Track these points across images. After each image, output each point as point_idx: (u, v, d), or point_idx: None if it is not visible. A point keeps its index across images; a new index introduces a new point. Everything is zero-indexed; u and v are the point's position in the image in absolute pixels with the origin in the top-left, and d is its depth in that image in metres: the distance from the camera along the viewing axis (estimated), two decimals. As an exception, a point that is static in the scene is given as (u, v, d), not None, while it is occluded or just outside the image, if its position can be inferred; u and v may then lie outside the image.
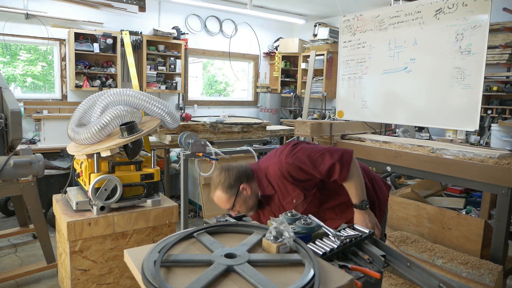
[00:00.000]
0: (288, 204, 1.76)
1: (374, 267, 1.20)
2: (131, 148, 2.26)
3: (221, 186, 1.69)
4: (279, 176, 1.73)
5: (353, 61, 3.56)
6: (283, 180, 1.74)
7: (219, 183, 1.70)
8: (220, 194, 1.69)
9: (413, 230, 2.81)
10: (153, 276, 0.95)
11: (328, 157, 1.65)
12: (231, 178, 1.69)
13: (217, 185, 1.69)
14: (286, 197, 1.76)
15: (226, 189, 1.68)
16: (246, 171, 1.74)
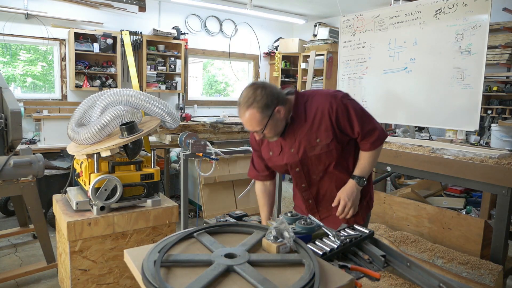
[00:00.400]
0: (309, 140, 1.66)
1: (374, 267, 1.20)
2: (131, 148, 2.26)
3: (256, 105, 1.52)
4: (324, 108, 1.63)
5: (353, 61, 3.56)
6: (324, 114, 1.63)
7: (254, 101, 1.52)
8: (254, 113, 1.52)
9: (413, 230, 2.81)
10: (153, 276, 0.95)
11: (375, 122, 1.69)
12: (268, 97, 1.53)
13: (251, 103, 1.52)
14: (313, 132, 1.65)
15: (262, 109, 1.52)
16: (281, 92, 1.62)
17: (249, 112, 1.53)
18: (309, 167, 1.73)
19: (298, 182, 1.79)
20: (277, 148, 1.76)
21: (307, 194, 1.81)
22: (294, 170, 1.74)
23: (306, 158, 1.69)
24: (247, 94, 1.54)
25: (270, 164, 1.82)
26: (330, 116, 1.62)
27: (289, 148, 1.71)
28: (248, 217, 1.98)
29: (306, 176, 1.75)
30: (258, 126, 1.56)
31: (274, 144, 1.75)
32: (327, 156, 1.68)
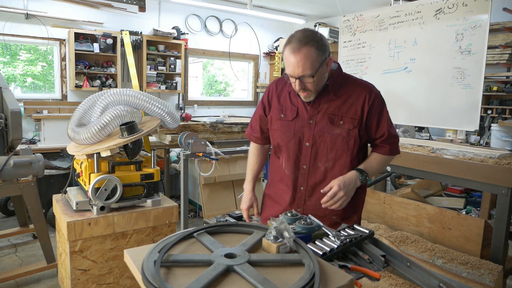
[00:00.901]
0: (333, 119, 1.55)
1: (374, 267, 1.20)
2: (131, 148, 2.26)
3: (315, 43, 1.41)
4: (360, 94, 1.55)
5: (353, 61, 3.56)
6: (358, 100, 1.54)
7: (313, 39, 1.41)
8: (311, 51, 1.40)
9: (413, 230, 2.81)
10: (153, 276, 0.95)
11: (395, 129, 1.67)
12: (325, 40, 1.44)
13: (309, 41, 1.40)
14: (340, 112, 1.55)
15: (319, 49, 1.41)
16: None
17: (306, 48, 1.40)
18: (320, 147, 1.59)
19: (298, 161, 1.63)
20: (291, 112, 1.62)
21: (302, 179, 1.64)
22: (303, 145, 1.60)
23: (322, 136, 1.58)
24: (304, 32, 1.43)
25: (275, 127, 1.67)
26: (364, 104, 1.55)
27: (309, 117, 1.59)
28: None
29: (313, 156, 1.60)
30: (311, 69, 1.42)
31: (289, 106, 1.62)
32: (342, 144, 1.57)
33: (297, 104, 1.62)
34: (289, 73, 1.47)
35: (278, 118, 1.66)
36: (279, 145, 1.68)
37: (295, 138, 1.61)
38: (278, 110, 1.66)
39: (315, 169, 1.61)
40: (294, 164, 1.64)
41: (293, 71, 1.44)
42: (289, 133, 1.63)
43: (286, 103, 1.65)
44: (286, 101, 1.66)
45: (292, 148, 1.62)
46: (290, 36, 1.46)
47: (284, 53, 1.47)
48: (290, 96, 1.65)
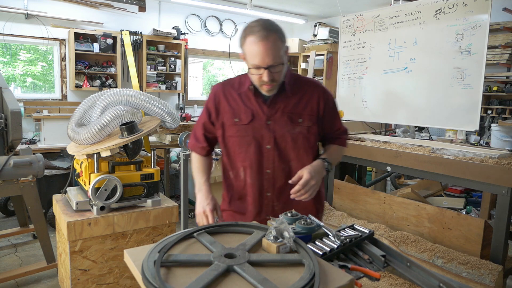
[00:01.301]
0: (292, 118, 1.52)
1: (374, 267, 1.20)
2: (131, 148, 2.26)
3: (278, 31, 1.39)
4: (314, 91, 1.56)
5: (353, 61, 3.56)
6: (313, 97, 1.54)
7: (276, 28, 1.39)
8: (277, 39, 1.37)
9: (413, 230, 2.81)
10: (153, 276, 0.95)
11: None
12: (283, 29, 1.42)
13: (274, 28, 1.38)
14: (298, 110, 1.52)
15: (282, 38, 1.39)
16: None
17: (273, 36, 1.36)
18: (282, 148, 1.53)
19: (261, 166, 1.54)
20: (246, 116, 1.53)
21: (268, 184, 1.56)
22: (263, 148, 1.53)
23: (283, 136, 1.52)
24: (265, 21, 1.39)
25: (230, 133, 1.56)
26: (319, 101, 1.55)
27: (266, 119, 1.51)
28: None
29: (276, 158, 1.54)
30: (278, 58, 1.38)
31: (242, 109, 1.53)
32: (304, 142, 1.55)
33: (251, 105, 1.53)
34: (256, 63, 1.38)
35: (232, 123, 1.55)
36: (236, 152, 1.56)
37: (255, 142, 1.53)
38: (231, 114, 1.55)
39: (280, 171, 1.55)
40: (257, 170, 1.55)
41: (262, 61, 1.37)
42: (247, 138, 1.53)
43: (238, 106, 1.55)
44: (238, 104, 1.55)
45: (253, 153, 1.53)
46: (250, 27, 1.39)
47: (248, 43, 1.38)
48: (242, 98, 1.55)
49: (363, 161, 3.25)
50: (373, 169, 4.64)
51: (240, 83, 1.58)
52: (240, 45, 1.44)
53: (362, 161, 3.24)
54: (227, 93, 1.58)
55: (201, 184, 1.60)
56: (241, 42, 1.43)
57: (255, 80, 1.46)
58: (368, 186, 3.91)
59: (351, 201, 3.30)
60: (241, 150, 1.55)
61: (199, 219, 1.53)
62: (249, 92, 1.53)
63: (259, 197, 1.57)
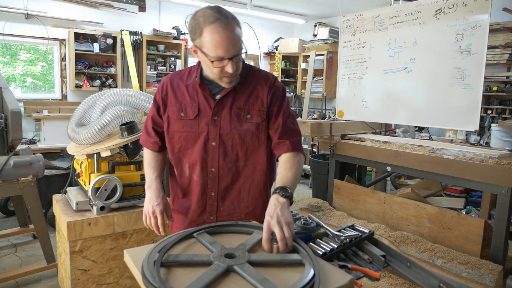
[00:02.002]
0: (239, 114, 1.42)
1: (374, 267, 1.20)
2: (131, 148, 2.26)
3: (235, 18, 1.32)
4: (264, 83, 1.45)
5: (353, 61, 3.56)
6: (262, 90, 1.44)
7: (233, 15, 1.32)
8: (237, 26, 1.31)
9: (413, 230, 2.81)
10: (153, 276, 0.95)
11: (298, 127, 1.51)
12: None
13: (231, 16, 1.31)
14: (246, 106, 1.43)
15: (239, 23, 1.33)
16: None
17: (233, 24, 1.29)
18: (228, 146, 1.43)
19: (205, 164, 1.45)
20: (192, 110, 1.43)
21: (213, 183, 1.46)
22: (209, 145, 1.43)
23: (230, 133, 1.42)
24: (217, 8, 1.31)
25: (175, 128, 1.46)
26: (268, 94, 1.45)
27: (213, 114, 1.42)
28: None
29: (222, 157, 1.44)
30: (240, 46, 1.30)
31: (189, 103, 1.44)
32: (253, 139, 1.44)
33: (198, 99, 1.43)
34: (220, 55, 1.27)
35: (178, 117, 1.45)
36: (181, 149, 1.47)
37: (200, 139, 1.43)
38: (177, 108, 1.45)
39: (226, 171, 1.46)
40: (201, 168, 1.45)
41: (227, 51, 1.27)
42: (193, 134, 1.44)
43: (185, 100, 1.45)
44: (185, 97, 1.45)
45: (198, 150, 1.44)
46: (205, 16, 1.27)
47: (208, 34, 1.26)
48: (189, 90, 1.45)
49: (363, 161, 3.25)
50: (373, 169, 4.64)
51: (189, 74, 1.48)
52: (195, 37, 1.30)
53: (362, 161, 3.24)
54: (175, 85, 1.49)
55: (152, 181, 1.48)
56: (196, 33, 1.29)
57: (214, 73, 1.35)
58: (368, 186, 3.91)
59: (351, 201, 3.30)
60: (186, 146, 1.46)
61: (147, 220, 1.42)
62: (196, 84, 1.43)
63: (202, 196, 1.48)
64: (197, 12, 1.31)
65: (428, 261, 2.41)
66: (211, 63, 1.30)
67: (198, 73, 1.43)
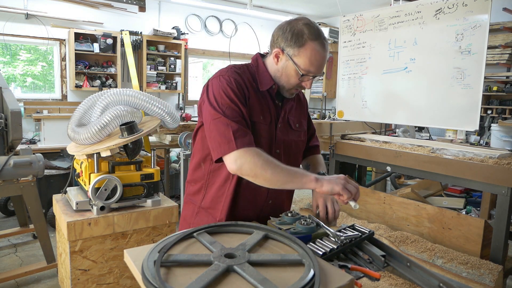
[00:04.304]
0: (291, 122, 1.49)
1: (374, 267, 1.20)
2: (131, 148, 2.26)
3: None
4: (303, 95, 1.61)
5: (353, 61, 3.56)
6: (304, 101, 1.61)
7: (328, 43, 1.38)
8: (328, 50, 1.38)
9: (413, 230, 2.81)
10: (153, 276, 0.95)
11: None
12: None
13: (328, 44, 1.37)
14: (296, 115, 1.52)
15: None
16: None
17: (327, 48, 1.36)
18: (287, 153, 1.48)
19: None
20: (268, 115, 1.42)
21: (273, 191, 1.45)
22: (273, 152, 1.43)
23: (288, 140, 1.48)
24: (318, 26, 1.36)
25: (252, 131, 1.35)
26: (304, 102, 1.61)
27: (279, 122, 1.45)
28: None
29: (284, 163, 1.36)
30: (323, 71, 1.39)
31: (264, 107, 1.41)
32: (300, 145, 1.54)
33: (268, 105, 1.43)
34: (312, 71, 1.33)
35: (258, 120, 1.39)
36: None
37: (270, 145, 1.43)
38: (256, 111, 1.39)
39: None
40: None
41: (318, 69, 1.34)
42: (266, 140, 1.41)
43: (260, 103, 1.40)
44: (259, 100, 1.41)
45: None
46: (311, 28, 1.31)
47: (310, 48, 1.30)
48: (257, 94, 1.41)
49: (363, 161, 3.25)
50: (373, 169, 4.64)
51: (253, 77, 1.42)
52: (291, 44, 1.31)
53: (362, 161, 3.24)
54: (249, 85, 1.39)
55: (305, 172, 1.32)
56: (297, 42, 1.30)
57: (291, 83, 1.38)
58: (368, 186, 3.90)
59: (351, 201, 3.29)
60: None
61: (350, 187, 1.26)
62: (266, 91, 1.42)
63: (261, 204, 1.47)
64: (299, 20, 1.33)
65: (428, 261, 2.41)
66: (299, 75, 1.34)
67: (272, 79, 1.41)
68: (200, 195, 1.54)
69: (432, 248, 2.50)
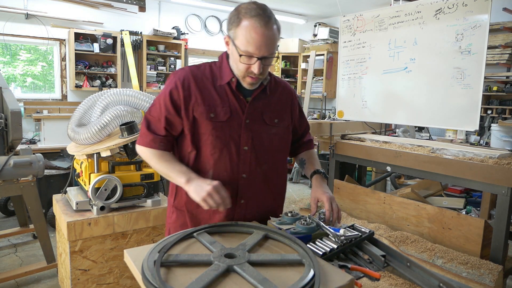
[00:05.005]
0: (267, 118, 1.42)
1: (374, 267, 1.20)
2: (131, 148, 2.26)
3: (277, 22, 1.29)
4: (289, 90, 1.54)
5: (353, 61, 3.56)
6: (288, 96, 1.52)
7: (275, 18, 1.28)
8: (276, 30, 1.29)
9: (413, 230, 2.81)
10: (153, 276, 0.95)
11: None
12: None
13: (274, 18, 1.28)
14: (274, 110, 1.44)
15: (279, 29, 1.32)
16: None
17: (274, 26, 1.26)
18: (260, 150, 1.39)
19: (237, 169, 1.37)
20: (224, 111, 1.34)
21: (243, 190, 1.39)
22: (241, 149, 1.36)
23: (261, 137, 1.40)
24: (263, 5, 1.27)
25: (204, 130, 1.34)
26: (293, 100, 1.53)
27: (245, 118, 1.36)
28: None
29: (253, 161, 1.38)
30: (273, 50, 1.28)
31: (218, 103, 1.34)
32: (280, 143, 1.46)
33: (228, 101, 1.35)
34: (250, 51, 1.24)
35: (207, 118, 1.33)
36: (207, 153, 1.36)
37: (232, 143, 1.35)
38: (205, 108, 1.33)
39: (257, 176, 1.41)
40: (231, 174, 1.37)
41: (259, 49, 1.23)
42: (223, 137, 1.34)
43: (213, 99, 1.34)
44: (213, 96, 1.35)
45: (228, 155, 1.35)
46: (247, 8, 1.24)
47: (245, 27, 1.22)
48: (217, 89, 1.36)
49: (363, 161, 3.25)
50: (373, 169, 4.64)
51: (213, 73, 1.39)
52: (231, 27, 1.27)
53: (362, 161, 3.24)
54: (199, 81, 1.36)
55: (187, 172, 1.32)
56: (233, 24, 1.25)
57: (240, 70, 1.30)
58: (368, 186, 3.91)
59: (351, 201, 3.30)
60: (214, 151, 1.35)
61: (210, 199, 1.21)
62: (226, 86, 1.36)
63: (232, 206, 1.34)
64: (241, 4, 1.26)
65: (428, 261, 2.41)
66: (239, 57, 1.26)
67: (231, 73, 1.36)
68: (173, 196, 1.51)
69: (432, 248, 2.50)
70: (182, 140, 1.41)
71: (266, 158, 1.42)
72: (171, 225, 1.50)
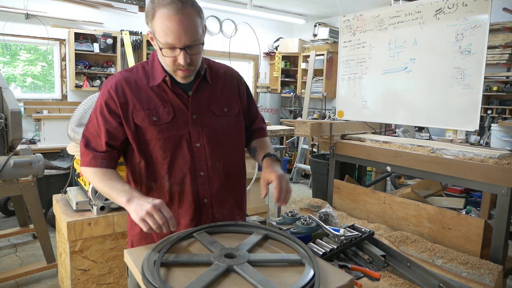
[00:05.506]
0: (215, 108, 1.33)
1: (374, 267, 1.20)
2: (131, 148, 2.26)
3: (195, 5, 1.18)
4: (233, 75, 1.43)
5: (353, 61, 3.56)
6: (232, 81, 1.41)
7: (193, 1, 1.17)
8: (195, 14, 1.16)
9: (413, 230, 2.81)
10: (153, 276, 0.95)
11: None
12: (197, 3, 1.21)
13: (191, 1, 1.17)
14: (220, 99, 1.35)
15: (200, 12, 1.19)
16: None
17: (191, 9, 1.15)
18: (213, 144, 1.32)
19: (193, 169, 1.29)
20: (167, 112, 1.26)
21: (204, 188, 1.32)
22: (193, 146, 1.29)
23: (213, 130, 1.31)
24: None
25: (149, 136, 1.26)
26: (239, 85, 1.42)
27: (191, 113, 1.28)
28: (248, 217, 1.97)
29: (209, 157, 1.31)
30: (197, 36, 1.17)
31: (159, 104, 1.26)
32: (236, 132, 1.38)
33: (169, 99, 1.27)
34: (170, 42, 1.15)
35: (150, 123, 1.26)
36: (158, 158, 1.28)
37: (183, 142, 1.28)
38: (145, 113, 1.26)
39: (215, 172, 1.33)
40: (189, 175, 1.29)
41: (178, 39, 1.14)
42: (172, 138, 1.27)
43: (152, 102, 1.27)
44: (152, 98, 1.27)
45: (181, 155, 1.28)
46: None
47: (159, 17, 1.14)
48: (154, 90, 1.28)
49: (363, 161, 3.25)
50: (373, 169, 4.64)
51: (147, 74, 1.30)
52: (148, 21, 1.19)
53: (362, 161, 3.24)
54: (133, 86, 1.28)
55: (129, 190, 1.20)
56: (149, 17, 1.17)
57: (167, 64, 1.22)
58: (368, 186, 3.90)
59: (351, 201, 3.30)
60: (165, 155, 1.27)
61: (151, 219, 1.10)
62: (163, 84, 1.27)
63: (195, 207, 1.30)
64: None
65: (428, 261, 2.41)
66: (160, 50, 1.18)
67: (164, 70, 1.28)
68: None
69: (432, 248, 2.50)
70: (129, 152, 1.33)
71: (223, 151, 1.34)
72: (134, 237, 1.40)
